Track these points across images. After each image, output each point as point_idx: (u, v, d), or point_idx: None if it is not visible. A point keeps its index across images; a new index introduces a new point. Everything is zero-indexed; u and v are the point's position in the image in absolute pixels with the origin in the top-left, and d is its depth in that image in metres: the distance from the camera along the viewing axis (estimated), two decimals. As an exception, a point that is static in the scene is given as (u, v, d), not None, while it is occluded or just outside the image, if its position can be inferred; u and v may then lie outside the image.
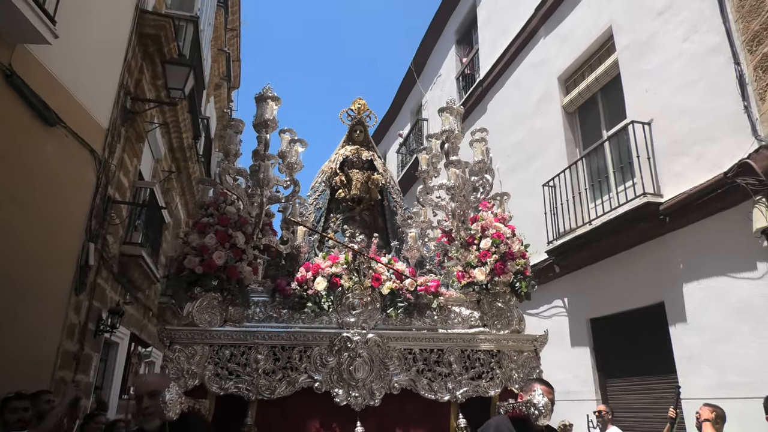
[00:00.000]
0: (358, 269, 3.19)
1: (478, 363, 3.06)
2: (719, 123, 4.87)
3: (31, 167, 4.60)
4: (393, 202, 4.24)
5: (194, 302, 2.92)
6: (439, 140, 3.80)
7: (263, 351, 2.89)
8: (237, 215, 3.08)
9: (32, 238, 4.63)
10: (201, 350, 2.84)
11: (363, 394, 2.88)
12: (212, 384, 2.81)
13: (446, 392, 2.96)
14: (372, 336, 2.98)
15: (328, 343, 2.95)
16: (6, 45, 4.13)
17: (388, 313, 3.16)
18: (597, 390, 6.17)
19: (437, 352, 3.05)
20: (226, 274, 2.93)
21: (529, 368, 3.08)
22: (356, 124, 4.28)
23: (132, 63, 6.50)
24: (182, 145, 9.32)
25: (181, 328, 2.88)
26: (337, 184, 4.10)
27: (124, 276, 7.05)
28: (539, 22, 8.15)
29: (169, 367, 2.77)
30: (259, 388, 2.81)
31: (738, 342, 4.51)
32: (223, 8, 13.70)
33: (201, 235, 2.95)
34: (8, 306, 4.31)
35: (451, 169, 3.51)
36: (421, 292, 3.23)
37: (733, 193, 4.49)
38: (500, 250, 3.17)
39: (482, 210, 3.43)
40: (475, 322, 3.26)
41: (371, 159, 4.24)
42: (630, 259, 5.78)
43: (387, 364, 2.97)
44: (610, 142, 6.40)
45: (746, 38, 4.65)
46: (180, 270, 2.93)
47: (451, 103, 3.69)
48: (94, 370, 6.53)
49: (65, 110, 4.97)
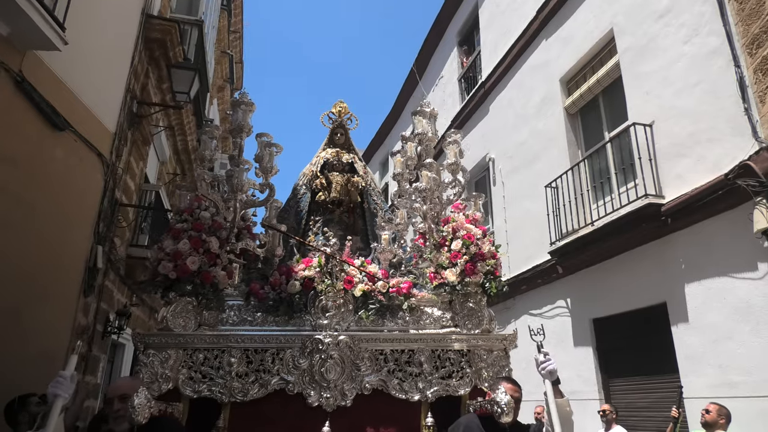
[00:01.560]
0: (331, 272, 3.22)
1: (449, 362, 3.10)
2: (720, 125, 4.92)
3: (41, 171, 4.66)
4: (373, 204, 4.29)
5: (168, 307, 2.95)
6: (413, 143, 3.84)
7: (236, 354, 2.94)
8: (211, 220, 3.10)
9: (42, 241, 4.69)
10: (175, 354, 2.88)
11: (335, 395, 2.92)
12: (186, 387, 2.85)
13: (417, 392, 3.00)
14: (343, 338, 3.02)
15: (300, 345, 3.00)
16: (16, 51, 4.19)
17: (360, 315, 3.20)
18: (600, 390, 6.22)
19: (408, 352, 3.09)
20: (200, 279, 2.96)
21: (498, 367, 3.11)
22: (337, 127, 4.35)
23: (138, 67, 6.57)
24: (187, 147, 9.40)
25: (155, 333, 2.93)
26: (317, 186, 4.16)
27: (130, 278, 7.12)
28: (541, 24, 8.20)
29: (142, 372, 2.80)
30: (232, 391, 2.86)
31: (739, 342, 4.56)
32: (227, 11, 13.77)
33: (175, 241, 2.98)
34: (18, 308, 4.38)
35: (424, 171, 3.54)
36: (393, 293, 3.27)
37: (734, 194, 4.54)
38: (470, 251, 3.20)
39: (454, 211, 3.46)
40: (447, 323, 3.30)
41: (352, 162, 4.30)
42: (632, 259, 5.83)
43: (358, 365, 3.01)
44: (612, 144, 6.45)
45: (746, 41, 4.70)
46: (155, 275, 2.96)
47: (424, 106, 3.74)
48: (102, 371, 6.60)
49: (74, 115, 5.03)
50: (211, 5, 10.03)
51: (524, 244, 7.83)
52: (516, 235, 8.16)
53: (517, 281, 7.60)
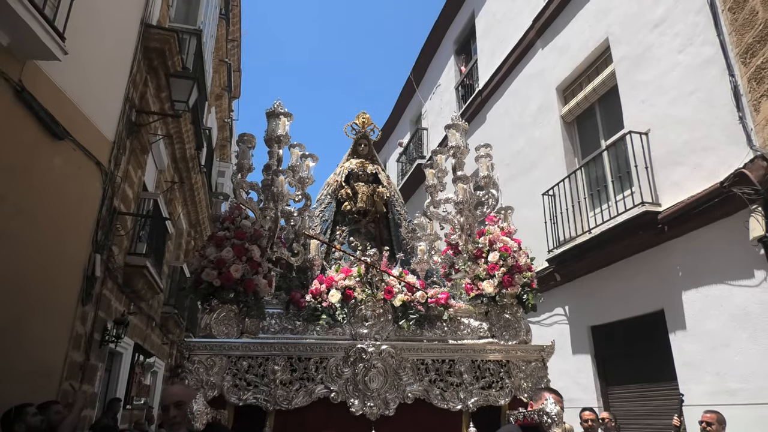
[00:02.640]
0: (371, 282, 3.26)
1: (488, 373, 3.13)
2: (715, 133, 4.96)
3: (40, 180, 4.67)
4: (398, 214, 4.32)
5: (212, 314, 2.97)
6: (445, 156, 3.89)
7: (280, 362, 2.95)
8: (252, 229, 3.14)
9: (40, 249, 4.69)
10: (219, 361, 2.89)
11: (378, 404, 2.93)
12: (231, 395, 2.86)
13: (458, 402, 3.01)
14: (386, 347, 3.04)
15: (344, 354, 3.01)
16: (16, 61, 4.21)
17: (400, 324, 3.23)
18: (599, 397, 6.22)
19: (448, 362, 3.11)
20: (243, 287, 2.99)
21: (537, 378, 3.14)
22: (361, 138, 4.37)
23: (137, 76, 6.60)
24: (185, 155, 9.41)
25: (200, 340, 2.93)
26: (342, 196, 4.17)
27: (128, 286, 7.11)
28: (537, 33, 8.28)
29: (188, 379, 2.82)
30: (276, 399, 2.87)
31: (737, 349, 4.57)
32: (225, 20, 13.86)
33: (218, 249, 3.00)
34: (17, 317, 4.37)
35: (459, 184, 3.60)
36: (432, 304, 3.30)
37: (729, 202, 4.57)
38: (508, 263, 3.26)
39: (489, 224, 3.51)
40: (484, 333, 3.34)
41: (376, 172, 4.32)
42: (630, 267, 5.85)
43: (401, 375, 3.03)
44: (609, 152, 6.49)
45: (740, 50, 4.75)
46: (198, 282, 2.98)
47: (456, 120, 3.79)
48: (99, 380, 6.57)
49: (73, 124, 5.05)
50: (210, 14, 10.08)
51: (522, 251, 7.84)
52: (514, 243, 8.17)
53: (515, 289, 7.60)
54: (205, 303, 3.02)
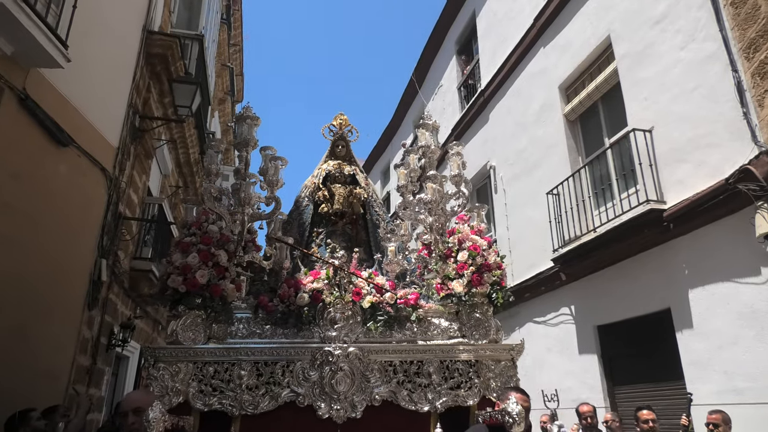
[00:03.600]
0: (339, 284, 3.24)
1: (457, 373, 3.11)
2: (719, 130, 4.93)
3: (46, 186, 4.71)
4: (376, 215, 4.31)
5: (178, 320, 2.97)
6: (416, 155, 3.86)
7: (246, 367, 2.94)
8: (219, 234, 3.11)
9: (47, 255, 4.72)
10: (185, 367, 2.89)
11: (345, 406, 2.93)
12: (196, 401, 2.86)
13: (426, 403, 3.01)
14: (353, 349, 3.03)
15: (310, 357, 3.01)
16: (20, 69, 4.25)
17: (368, 326, 3.21)
18: (606, 397, 6.18)
19: (417, 363, 3.10)
20: (210, 292, 2.97)
21: (506, 377, 3.13)
22: (338, 140, 4.38)
23: (140, 82, 6.64)
24: (189, 160, 9.45)
25: (165, 347, 2.93)
26: (320, 198, 4.18)
27: (134, 290, 7.15)
28: (538, 32, 8.25)
29: (153, 385, 2.81)
30: (242, 404, 2.86)
31: (745, 347, 4.54)
32: (227, 24, 13.91)
33: (184, 255, 2.99)
34: (24, 321, 4.40)
35: (428, 183, 3.58)
36: (401, 305, 3.28)
37: (735, 199, 4.54)
38: (477, 262, 3.23)
39: (459, 223, 3.48)
40: (454, 333, 3.31)
41: (353, 173, 4.33)
42: (635, 265, 5.81)
43: (368, 377, 3.02)
44: (612, 150, 6.46)
45: (743, 45, 4.72)
46: (164, 289, 2.97)
47: (426, 119, 3.78)
48: (106, 384, 6.61)
49: (77, 130, 5.08)
50: (212, 19, 10.13)
51: (527, 251, 7.83)
52: (518, 243, 8.16)
53: (521, 289, 7.58)
54: (173, 309, 3.01)
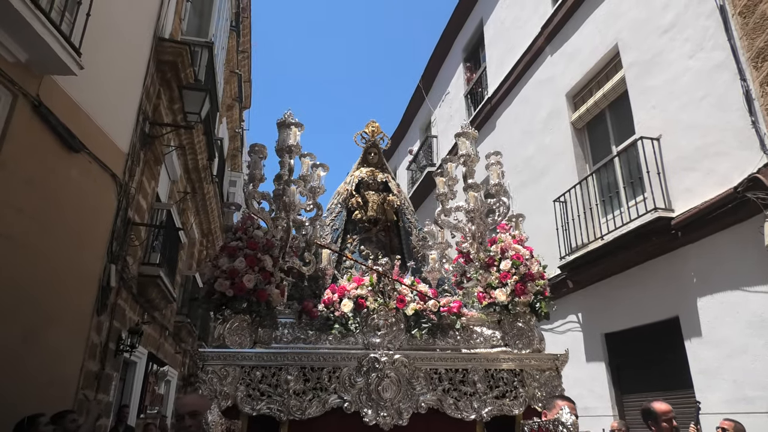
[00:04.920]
0: (383, 291, 3.26)
1: (502, 382, 3.10)
2: (727, 138, 4.92)
3: (57, 192, 4.76)
4: (408, 223, 4.31)
5: (225, 324, 2.98)
6: (455, 164, 3.89)
7: (293, 372, 2.95)
8: (264, 239, 3.15)
9: (57, 260, 4.77)
10: (233, 371, 2.90)
11: (391, 413, 2.92)
12: (245, 405, 2.86)
13: (472, 411, 2.99)
14: (399, 356, 3.02)
15: (357, 363, 3.00)
16: (34, 76, 4.32)
17: (412, 333, 3.21)
18: (614, 406, 6.15)
19: (462, 371, 3.09)
20: (256, 297, 3.00)
21: (551, 387, 3.11)
22: (371, 147, 4.38)
23: (150, 89, 6.71)
24: (197, 166, 9.52)
25: (214, 350, 2.94)
26: (353, 205, 4.18)
27: (142, 296, 7.18)
28: (546, 40, 8.29)
29: (202, 388, 2.83)
30: (290, 409, 2.86)
31: (754, 356, 4.51)
32: (235, 32, 14.03)
33: (231, 259, 3.02)
34: (33, 327, 4.44)
35: (470, 192, 3.59)
36: (444, 312, 3.29)
37: (743, 207, 4.53)
38: (520, 271, 3.24)
39: (500, 232, 3.50)
40: (497, 342, 3.31)
41: (386, 181, 4.34)
42: (643, 273, 5.80)
43: (414, 384, 3.01)
44: (620, 158, 6.46)
45: (751, 55, 4.72)
46: (211, 293, 2.99)
47: (466, 128, 3.79)
48: (114, 389, 6.63)
49: (88, 136, 5.14)
50: (221, 27, 10.23)
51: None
52: (525, 250, 8.14)
53: (527, 296, 7.56)
54: (218, 313, 3.03)
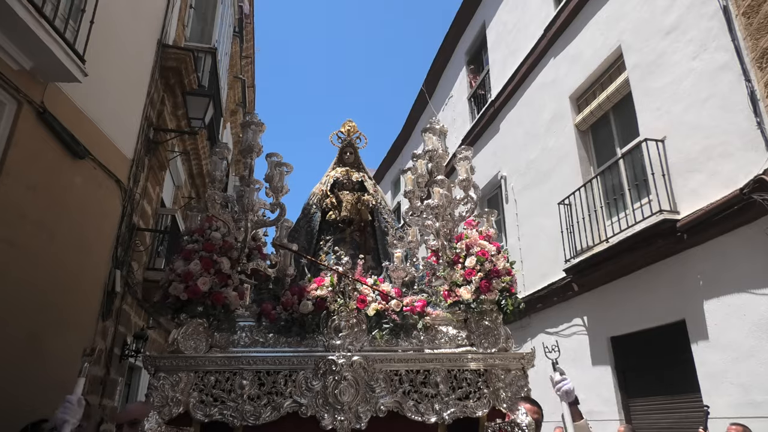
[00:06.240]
0: (344, 291, 3.15)
1: (465, 383, 3.00)
2: (732, 139, 4.89)
3: (62, 198, 4.79)
4: (384, 222, 4.26)
5: (179, 329, 2.90)
6: (423, 160, 3.82)
7: (248, 376, 2.87)
8: (222, 240, 3.06)
9: (62, 266, 4.79)
10: (186, 377, 2.82)
11: (349, 417, 2.83)
12: (197, 411, 2.78)
13: (433, 414, 2.89)
14: (357, 358, 2.94)
15: (314, 366, 2.92)
16: (39, 84, 4.35)
17: (374, 335, 3.12)
18: (620, 410, 6.10)
19: (423, 372, 3.00)
20: (212, 300, 2.92)
21: (516, 387, 2.99)
22: (346, 146, 4.36)
23: (154, 95, 6.75)
24: (201, 171, 9.54)
25: (166, 356, 2.86)
26: (327, 205, 4.16)
27: (147, 301, 7.20)
28: (548, 42, 8.28)
29: (153, 396, 2.74)
30: (244, 414, 2.78)
31: (761, 359, 4.46)
32: (239, 37, 14.11)
33: (186, 262, 2.95)
34: (38, 332, 4.45)
35: (435, 188, 3.49)
36: (407, 312, 3.19)
37: (749, 209, 4.50)
38: (485, 267, 3.13)
39: (466, 228, 3.41)
40: (463, 342, 3.19)
41: (362, 180, 4.31)
42: (649, 276, 5.76)
43: (373, 387, 2.92)
44: (624, 160, 6.43)
45: (755, 55, 4.70)
46: (165, 297, 2.92)
47: (433, 123, 3.74)
48: (119, 394, 6.64)
49: (93, 143, 5.17)
50: (224, 32, 10.28)
51: (539, 261, 7.78)
52: (530, 253, 8.11)
53: (533, 299, 7.53)
54: (174, 318, 2.96)
